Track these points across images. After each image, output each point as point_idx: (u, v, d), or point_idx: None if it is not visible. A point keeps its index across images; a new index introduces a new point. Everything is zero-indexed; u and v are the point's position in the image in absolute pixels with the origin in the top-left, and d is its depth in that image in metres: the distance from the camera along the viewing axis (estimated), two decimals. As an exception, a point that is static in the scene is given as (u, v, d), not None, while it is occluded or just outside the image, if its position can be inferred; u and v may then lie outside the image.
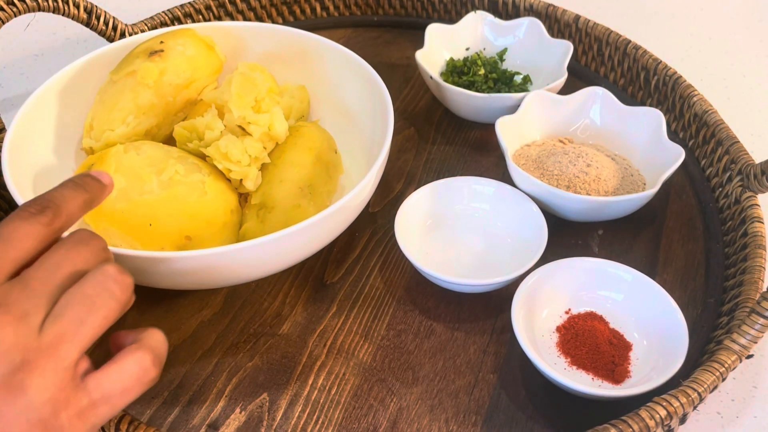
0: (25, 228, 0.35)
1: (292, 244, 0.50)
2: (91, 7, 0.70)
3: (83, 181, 0.38)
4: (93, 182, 0.39)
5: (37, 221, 0.35)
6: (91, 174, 0.39)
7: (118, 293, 0.35)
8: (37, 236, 0.35)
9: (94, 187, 0.39)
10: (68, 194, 0.37)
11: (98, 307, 0.34)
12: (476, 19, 0.78)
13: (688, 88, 0.70)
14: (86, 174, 0.39)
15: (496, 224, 0.61)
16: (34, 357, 0.32)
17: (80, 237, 0.36)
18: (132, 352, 0.35)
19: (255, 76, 0.59)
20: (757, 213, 0.59)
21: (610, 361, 0.50)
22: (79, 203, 0.38)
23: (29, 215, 0.35)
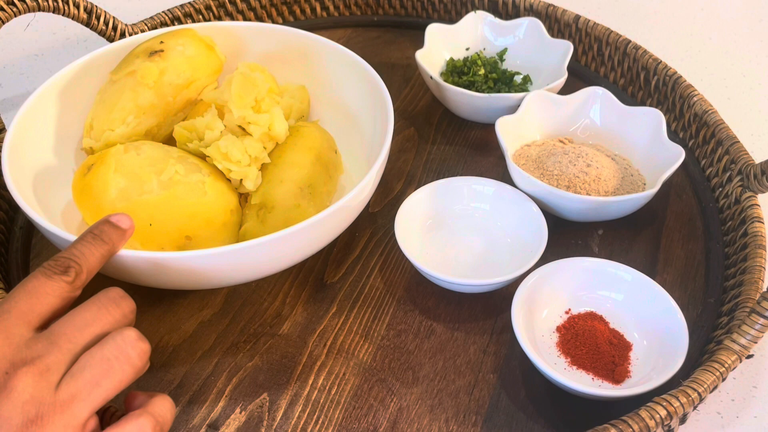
0: (51, 285, 0.37)
1: (292, 244, 0.50)
2: (91, 7, 0.70)
3: (101, 232, 0.40)
4: (112, 231, 0.41)
5: (61, 279, 0.37)
6: (111, 221, 0.41)
7: (135, 359, 0.36)
8: (61, 294, 0.37)
9: (113, 237, 0.41)
10: (87, 251, 0.39)
11: (114, 372, 0.35)
12: (476, 19, 0.78)
13: (688, 88, 0.70)
14: (106, 222, 0.41)
15: (496, 224, 0.61)
16: (47, 412, 0.33)
17: (113, 297, 0.38)
18: (135, 417, 0.36)
19: (255, 76, 0.59)
20: (757, 213, 0.59)
21: (610, 361, 0.50)
22: (98, 257, 0.40)
23: (53, 274, 0.37)
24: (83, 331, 0.36)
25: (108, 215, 0.43)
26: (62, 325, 0.36)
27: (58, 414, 0.33)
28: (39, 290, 0.37)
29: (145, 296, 0.56)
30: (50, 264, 0.38)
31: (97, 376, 0.35)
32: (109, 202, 0.51)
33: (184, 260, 0.47)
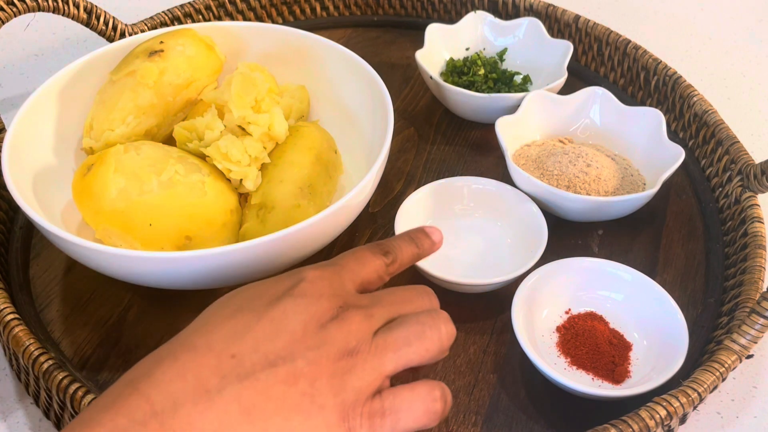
0: (373, 260, 0.42)
1: (292, 244, 0.50)
2: (91, 7, 0.70)
3: (417, 237, 0.45)
4: (425, 239, 0.45)
5: (381, 259, 0.42)
6: (425, 230, 0.45)
7: (444, 337, 0.39)
8: (378, 270, 0.42)
9: (424, 244, 0.45)
10: (405, 246, 0.44)
11: (425, 338, 0.38)
12: (476, 19, 0.78)
13: (688, 88, 0.70)
14: (421, 230, 0.45)
15: (496, 224, 0.61)
16: (363, 349, 0.37)
17: (426, 290, 0.42)
18: (426, 381, 0.38)
19: (255, 76, 0.59)
20: (757, 213, 0.59)
21: (610, 361, 0.50)
22: (410, 256, 0.44)
23: (376, 252, 0.42)
24: (402, 301, 0.40)
25: (423, 226, 0.46)
26: (384, 292, 0.41)
27: (370, 355, 0.36)
28: (364, 259, 0.41)
29: (145, 296, 0.56)
30: (373, 245, 0.43)
31: (411, 336, 0.37)
32: (109, 202, 0.51)
33: (184, 260, 0.47)
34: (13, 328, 0.50)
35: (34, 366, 0.48)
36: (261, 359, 0.35)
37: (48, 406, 0.50)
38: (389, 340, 0.37)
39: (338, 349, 0.36)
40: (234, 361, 0.34)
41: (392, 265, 0.43)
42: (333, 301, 0.38)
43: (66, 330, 0.54)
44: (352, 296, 0.39)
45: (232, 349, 0.35)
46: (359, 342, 0.37)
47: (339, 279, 0.39)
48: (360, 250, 0.42)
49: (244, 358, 0.35)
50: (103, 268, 0.50)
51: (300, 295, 0.37)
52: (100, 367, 0.52)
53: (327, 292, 0.38)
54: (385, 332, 0.38)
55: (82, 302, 0.56)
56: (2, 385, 0.53)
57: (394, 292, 0.41)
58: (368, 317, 0.38)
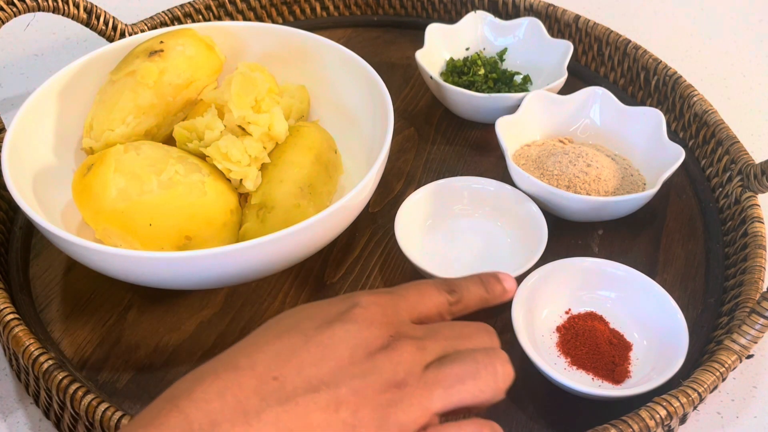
0: (436, 296, 0.40)
1: (292, 244, 0.50)
2: (91, 7, 0.70)
3: (488, 281, 0.43)
4: (496, 284, 0.43)
5: (444, 296, 0.40)
6: (498, 275, 0.43)
7: (500, 378, 0.37)
8: (440, 307, 0.40)
9: (495, 290, 0.43)
10: (473, 289, 0.42)
11: (479, 377, 0.36)
12: (476, 19, 0.78)
13: (688, 88, 0.70)
14: (493, 274, 0.43)
15: (496, 224, 0.61)
16: (411, 382, 0.35)
17: (487, 327, 0.40)
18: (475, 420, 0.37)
19: (255, 76, 0.59)
20: (757, 213, 0.59)
21: (610, 361, 0.50)
22: (477, 300, 0.42)
23: (441, 288, 0.41)
24: (459, 337, 0.38)
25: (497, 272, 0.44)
26: (442, 325, 0.39)
27: (417, 390, 0.35)
28: (427, 294, 0.40)
29: (145, 296, 0.56)
30: (440, 281, 0.42)
31: (463, 373, 0.36)
32: (109, 202, 0.51)
33: (184, 260, 0.47)
34: (13, 328, 0.50)
35: (34, 366, 0.48)
36: (303, 383, 0.34)
37: (48, 406, 0.50)
38: (440, 376, 0.36)
39: (385, 379, 0.35)
40: (276, 384, 0.34)
41: (456, 305, 0.41)
42: (385, 329, 0.36)
43: (66, 330, 0.54)
44: (406, 326, 0.38)
45: (275, 371, 0.34)
46: (408, 374, 0.35)
47: (394, 307, 0.38)
48: (424, 283, 0.41)
49: (287, 381, 0.34)
50: (103, 268, 0.50)
51: (351, 321, 0.36)
52: (100, 367, 0.52)
53: (379, 320, 0.37)
54: (436, 367, 0.36)
55: (82, 302, 0.56)
56: (2, 385, 0.53)
57: (451, 326, 0.39)
58: (420, 349, 0.36)
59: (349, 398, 0.34)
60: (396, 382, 0.35)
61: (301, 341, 0.35)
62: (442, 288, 0.41)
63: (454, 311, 0.41)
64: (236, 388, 0.33)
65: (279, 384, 0.34)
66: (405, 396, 0.35)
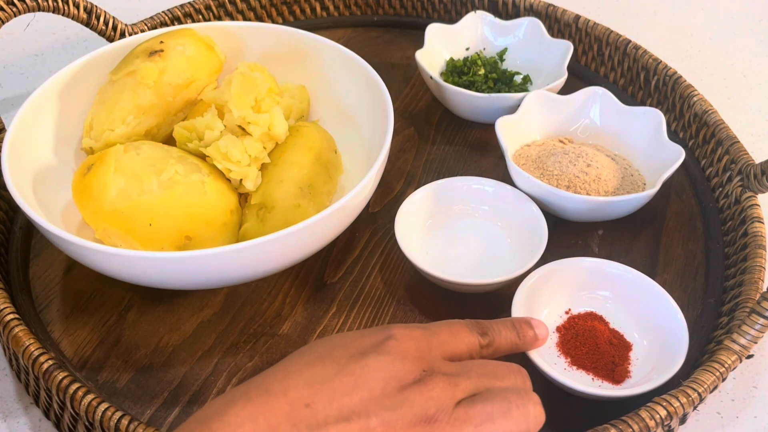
0: (468, 336, 0.41)
1: (292, 244, 0.50)
2: (91, 7, 0.70)
3: (520, 326, 0.43)
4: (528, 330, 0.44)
5: (477, 338, 0.41)
6: (531, 322, 0.44)
7: (531, 419, 0.37)
8: (471, 348, 0.40)
9: (527, 335, 0.43)
10: (505, 334, 0.42)
11: (510, 417, 0.36)
12: (476, 19, 0.78)
13: (688, 88, 0.70)
14: (526, 320, 0.44)
15: (496, 224, 0.61)
16: (441, 418, 0.35)
17: (519, 368, 0.41)
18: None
19: (255, 76, 0.59)
20: (757, 213, 0.59)
21: (610, 361, 0.50)
22: (509, 343, 0.43)
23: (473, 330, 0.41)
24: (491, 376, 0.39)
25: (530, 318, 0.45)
26: (474, 363, 0.39)
27: (448, 425, 0.35)
28: (459, 334, 0.40)
29: (145, 296, 0.56)
30: (472, 322, 0.42)
31: (494, 412, 0.36)
32: (108, 202, 0.51)
33: (184, 260, 0.47)
34: (13, 328, 0.50)
35: (34, 366, 0.48)
36: (335, 412, 0.34)
37: (48, 406, 0.50)
38: (471, 413, 0.36)
39: (416, 414, 0.35)
40: (307, 411, 0.34)
41: (487, 348, 0.41)
42: (418, 363, 0.37)
43: (66, 330, 0.54)
44: (439, 362, 0.38)
45: (307, 398, 0.34)
46: (439, 410, 0.35)
47: (427, 343, 0.38)
48: (456, 323, 0.41)
49: (318, 408, 0.34)
50: (103, 268, 0.50)
51: (385, 353, 0.36)
52: (100, 367, 0.52)
53: (413, 354, 0.37)
54: (468, 404, 0.36)
55: (82, 302, 0.56)
56: (2, 385, 0.53)
57: (484, 364, 0.39)
58: (452, 385, 0.36)
59: (379, 430, 0.34)
60: (427, 417, 0.35)
61: (334, 370, 0.35)
62: (475, 329, 0.41)
63: (485, 354, 0.41)
64: (268, 412, 0.34)
65: (311, 411, 0.34)
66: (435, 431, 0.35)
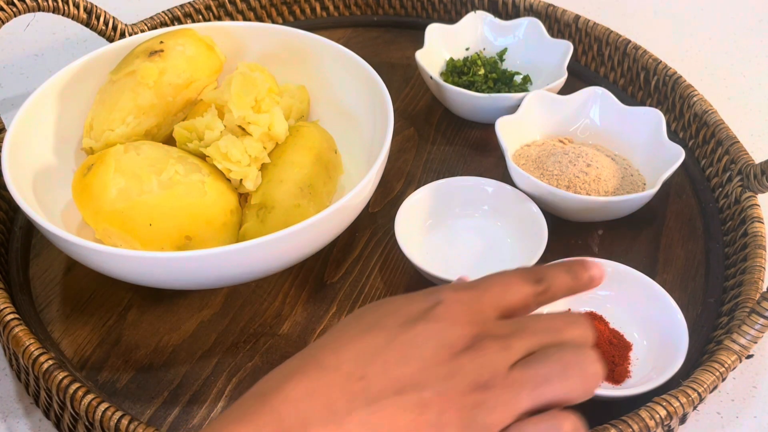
0: (522, 287, 0.38)
1: (292, 244, 0.50)
2: (91, 7, 0.70)
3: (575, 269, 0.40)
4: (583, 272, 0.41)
5: (531, 287, 0.38)
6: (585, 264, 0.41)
7: (590, 378, 0.36)
8: (526, 298, 0.38)
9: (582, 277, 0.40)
10: (560, 278, 0.40)
11: (567, 377, 0.35)
12: (476, 19, 0.78)
13: (688, 88, 0.70)
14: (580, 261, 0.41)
15: (496, 224, 0.61)
16: (496, 383, 0.34)
17: (579, 318, 0.38)
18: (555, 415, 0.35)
19: (255, 76, 0.59)
20: (757, 213, 0.59)
21: (610, 361, 0.50)
22: (565, 287, 0.40)
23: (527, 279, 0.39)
24: (547, 333, 0.37)
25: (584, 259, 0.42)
26: (529, 319, 0.37)
27: (504, 390, 0.34)
28: (512, 285, 0.38)
29: (145, 296, 0.56)
30: (525, 270, 0.39)
31: (550, 373, 0.35)
32: (109, 202, 0.51)
33: (184, 260, 0.47)
34: (13, 328, 0.50)
35: (34, 366, 0.48)
36: (389, 384, 0.34)
37: (48, 406, 0.50)
38: (526, 376, 0.35)
39: (470, 381, 0.34)
40: (362, 384, 0.34)
41: (542, 295, 0.39)
42: (469, 328, 0.36)
43: (66, 330, 0.54)
44: (491, 324, 0.37)
45: (361, 371, 0.34)
46: (493, 376, 0.34)
47: (478, 304, 0.37)
48: (508, 274, 0.39)
49: (372, 381, 0.34)
50: (103, 268, 0.50)
51: (435, 320, 0.36)
52: (100, 367, 0.52)
53: (463, 319, 0.36)
54: (522, 367, 0.35)
55: (82, 302, 0.56)
56: (2, 385, 0.53)
57: (539, 320, 0.38)
58: (505, 349, 0.35)
59: (434, 400, 0.34)
60: (480, 383, 0.34)
61: (385, 340, 0.35)
62: (528, 278, 0.39)
63: (541, 301, 0.39)
64: (324, 387, 0.34)
65: (365, 384, 0.34)
66: (490, 398, 0.34)
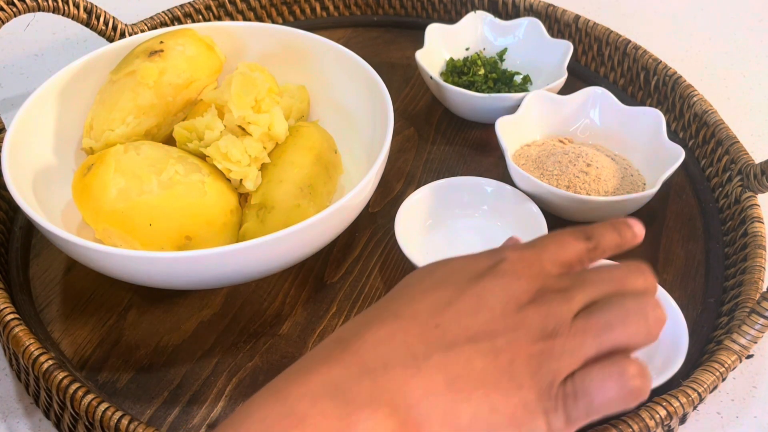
0: (575, 244, 0.40)
1: (292, 244, 0.50)
2: (91, 7, 0.70)
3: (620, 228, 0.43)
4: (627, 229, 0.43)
5: (583, 244, 0.40)
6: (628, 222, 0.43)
7: (652, 323, 0.37)
8: (579, 254, 0.40)
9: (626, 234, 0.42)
10: (608, 235, 0.42)
11: (629, 323, 0.36)
12: (476, 19, 0.78)
13: (688, 88, 0.70)
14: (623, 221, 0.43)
15: (496, 224, 0.61)
16: (562, 332, 0.36)
17: (639, 267, 0.40)
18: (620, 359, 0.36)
19: (255, 76, 0.59)
20: (757, 213, 0.59)
21: (610, 361, 0.50)
22: (613, 243, 0.42)
23: (578, 237, 0.41)
24: (608, 282, 0.38)
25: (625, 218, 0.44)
26: (588, 272, 0.39)
27: (569, 338, 0.36)
28: (566, 243, 0.40)
29: (145, 296, 0.56)
30: (575, 229, 0.41)
31: (612, 320, 0.36)
32: (108, 202, 0.51)
33: (184, 260, 0.47)
34: (13, 328, 0.50)
35: (34, 366, 0.48)
36: (462, 333, 0.35)
37: (48, 406, 0.50)
38: (589, 324, 0.36)
39: (536, 331, 0.36)
40: (438, 331, 0.35)
41: (594, 251, 0.41)
42: (532, 282, 0.37)
43: (66, 330, 0.54)
44: (552, 279, 0.38)
45: (436, 320, 0.36)
46: (558, 325, 0.36)
47: (539, 261, 0.39)
48: (560, 234, 0.41)
49: (447, 329, 0.35)
50: (103, 268, 0.50)
51: (500, 275, 0.37)
52: (100, 367, 0.52)
53: (526, 274, 0.38)
54: (585, 315, 0.37)
55: (82, 302, 0.56)
56: (2, 385, 0.53)
57: (599, 271, 0.39)
58: (568, 300, 0.37)
59: (505, 348, 0.35)
60: (547, 333, 0.36)
61: (456, 293, 0.37)
62: (580, 236, 0.41)
63: (593, 257, 0.41)
64: (402, 333, 0.35)
65: (441, 332, 0.35)
66: (556, 346, 0.35)
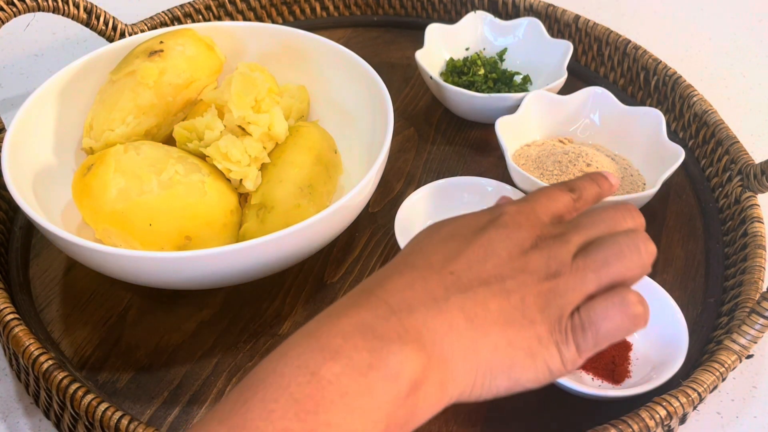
0: (562, 196, 0.45)
1: (292, 244, 0.50)
2: (91, 7, 0.70)
3: (598, 179, 0.47)
4: (604, 180, 0.47)
5: (568, 195, 0.45)
6: (604, 173, 0.48)
7: (644, 255, 0.40)
8: (566, 204, 0.44)
9: (604, 185, 0.47)
10: (589, 186, 0.46)
11: (624, 257, 0.40)
12: (476, 19, 0.78)
13: (688, 88, 0.70)
14: (600, 173, 0.48)
15: (496, 224, 0.61)
16: (564, 271, 0.39)
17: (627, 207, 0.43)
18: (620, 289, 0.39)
19: (255, 76, 0.59)
20: (757, 213, 0.59)
21: (610, 361, 0.50)
22: (594, 193, 0.46)
23: (563, 189, 0.45)
24: (600, 224, 0.42)
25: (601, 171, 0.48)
26: (580, 217, 0.43)
27: (571, 276, 0.39)
28: (554, 196, 0.44)
29: (145, 296, 0.56)
30: (558, 184, 0.46)
31: (609, 256, 0.39)
32: (108, 202, 0.51)
33: (184, 260, 0.47)
34: (13, 328, 0.50)
35: (34, 366, 0.48)
36: (476, 277, 0.39)
37: (48, 406, 0.50)
38: (588, 261, 0.39)
39: (541, 272, 0.39)
40: (453, 277, 0.39)
41: (578, 201, 0.45)
42: (531, 231, 0.41)
43: (66, 330, 0.54)
44: (548, 226, 0.42)
45: (450, 268, 0.39)
46: (559, 266, 0.39)
47: (534, 212, 0.42)
48: (549, 188, 0.45)
49: (461, 275, 0.39)
50: (103, 268, 0.50)
51: (503, 226, 0.41)
52: (100, 367, 0.52)
53: (526, 224, 0.41)
54: (583, 255, 0.40)
55: (82, 302, 0.56)
56: (2, 385, 0.53)
57: (590, 214, 0.43)
58: (565, 243, 0.40)
59: (515, 288, 0.39)
60: (551, 273, 0.39)
61: (464, 243, 0.40)
62: (564, 189, 0.45)
63: (578, 207, 0.45)
64: (421, 280, 0.39)
65: (456, 277, 0.39)
66: (560, 283, 0.39)
